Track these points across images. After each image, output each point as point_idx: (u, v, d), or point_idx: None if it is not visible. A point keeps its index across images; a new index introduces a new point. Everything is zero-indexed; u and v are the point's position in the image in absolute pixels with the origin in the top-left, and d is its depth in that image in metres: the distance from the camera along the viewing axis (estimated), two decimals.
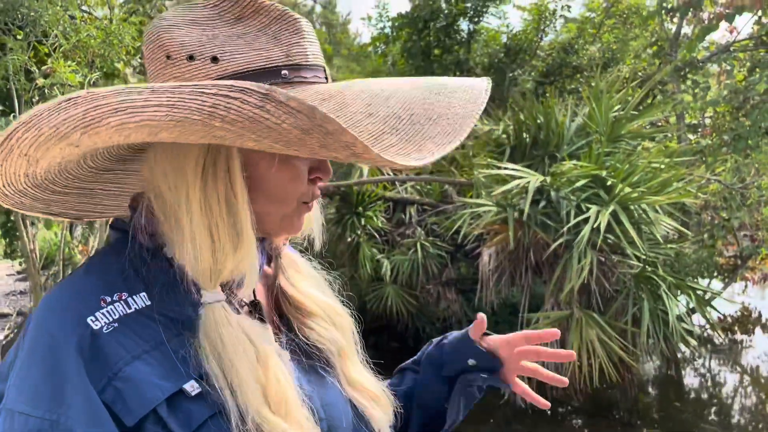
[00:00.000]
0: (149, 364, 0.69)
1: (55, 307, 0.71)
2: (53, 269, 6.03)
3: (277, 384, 0.74)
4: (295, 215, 0.81)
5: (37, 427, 0.64)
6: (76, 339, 0.67)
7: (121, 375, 0.67)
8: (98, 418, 0.65)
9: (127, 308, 0.72)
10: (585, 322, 5.03)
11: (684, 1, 7.54)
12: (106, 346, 0.68)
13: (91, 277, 0.74)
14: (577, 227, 4.86)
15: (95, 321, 0.69)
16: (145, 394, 0.67)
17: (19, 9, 4.70)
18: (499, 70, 10.42)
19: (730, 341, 9.44)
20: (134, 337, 0.70)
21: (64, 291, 0.73)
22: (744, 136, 6.77)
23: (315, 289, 0.94)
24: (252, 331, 0.76)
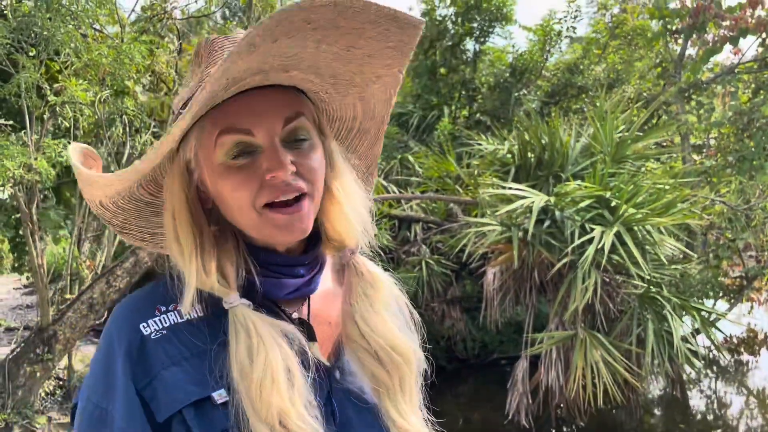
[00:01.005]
0: (185, 371, 0.78)
1: (119, 313, 0.84)
2: (60, 284, 6.08)
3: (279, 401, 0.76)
4: (266, 224, 0.81)
5: (93, 411, 0.79)
6: (127, 343, 0.80)
7: (159, 377, 0.78)
8: (133, 413, 0.77)
9: (179, 318, 0.82)
10: (589, 342, 5.02)
11: (688, 23, 7.60)
12: (152, 350, 0.79)
13: (157, 288, 0.85)
14: (582, 247, 4.87)
15: (146, 327, 0.81)
16: (175, 396, 0.77)
17: (33, 28, 4.78)
18: (504, 90, 10.50)
19: (736, 362, 9.38)
20: (178, 345, 0.80)
21: (131, 298, 0.86)
22: (748, 158, 6.79)
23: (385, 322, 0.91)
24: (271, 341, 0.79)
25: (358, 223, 0.92)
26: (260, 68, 0.76)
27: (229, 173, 0.80)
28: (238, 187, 0.80)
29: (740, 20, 7.33)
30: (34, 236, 5.13)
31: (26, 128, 4.93)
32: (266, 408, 0.75)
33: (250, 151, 0.80)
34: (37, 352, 5.18)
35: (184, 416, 0.76)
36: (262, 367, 0.76)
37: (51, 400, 5.50)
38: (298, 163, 0.81)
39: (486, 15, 10.54)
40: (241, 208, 0.81)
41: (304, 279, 0.88)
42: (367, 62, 0.83)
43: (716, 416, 7.38)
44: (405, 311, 0.97)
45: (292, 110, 0.83)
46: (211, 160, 0.81)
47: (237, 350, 0.78)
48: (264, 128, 0.80)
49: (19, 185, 4.88)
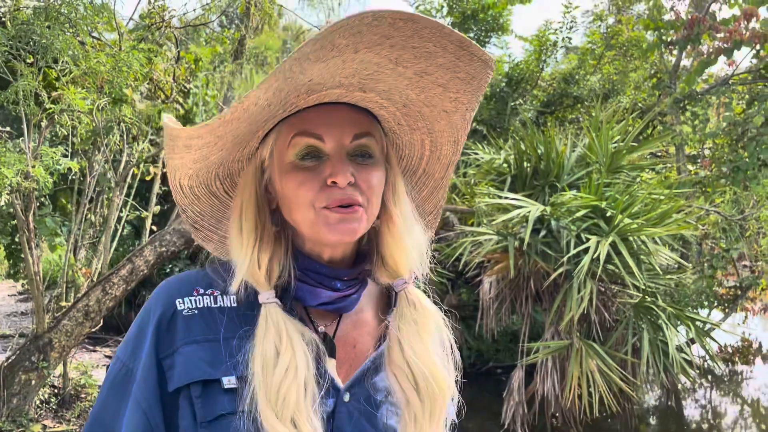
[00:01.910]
0: (204, 350, 0.85)
1: (164, 286, 0.93)
2: (56, 291, 6.06)
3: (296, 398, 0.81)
4: (320, 221, 0.86)
5: (120, 369, 0.89)
6: (160, 313, 0.88)
7: (179, 350, 0.86)
8: (148, 377, 0.85)
9: (213, 303, 0.90)
10: (585, 351, 5.04)
11: (683, 35, 7.66)
12: (180, 325, 0.87)
13: (202, 273, 0.94)
14: (577, 257, 4.90)
15: (181, 303, 0.89)
16: (188, 371, 0.84)
17: (31, 36, 4.79)
18: (500, 100, 10.55)
19: (731, 372, 9.40)
20: (204, 326, 0.87)
21: (177, 277, 0.94)
22: (742, 168, 6.84)
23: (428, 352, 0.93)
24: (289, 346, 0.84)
25: (416, 255, 0.95)
26: (341, 82, 0.84)
27: (297, 171, 0.87)
28: (301, 185, 0.86)
29: (734, 32, 7.40)
30: (31, 243, 5.12)
31: (24, 136, 4.94)
32: (281, 404, 0.80)
33: (318, 155, 0.87)
34: (32, 359, 5.16)
35: (191, 392, 0.83)
36: (286, 366, 0.82)
37: (46, 408, 5.48)
38: (358, 176, 0.87)
39: (483, 25, 10.61)
40: (300, 205, 0.87)
41: (340, 294, 0.91)
42: (437, 93, 0.89)
43: (711, 426, 7.39)
44: (447, 346, 0.99)
45: (363, 128, 0.89)
46: (282, 158, 0.89)
47: (264, 344, 0.83)
48: (334, 137, 0.87)
49: (16, 192, 4.87)
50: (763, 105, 6.92)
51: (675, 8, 8.53)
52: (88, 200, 6.24)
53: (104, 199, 7.06)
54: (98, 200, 6.99)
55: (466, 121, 0.94)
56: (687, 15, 8.05)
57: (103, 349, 8.06)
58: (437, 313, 0.98)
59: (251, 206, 0.90)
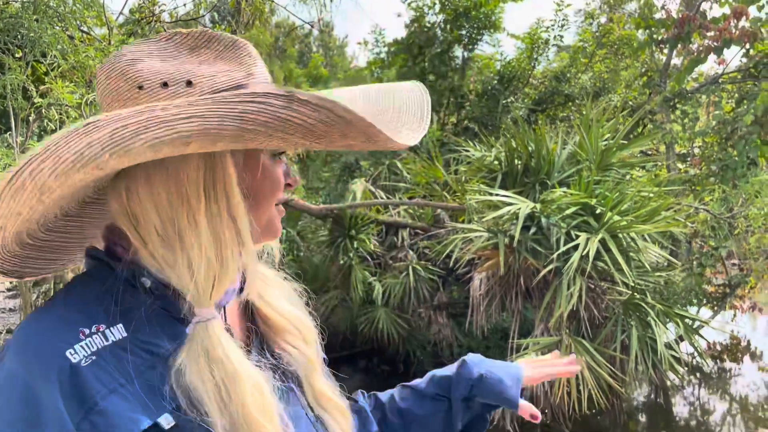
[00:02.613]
0: (125, 398, 0.69)
1: (34, 338, 0.70)
2: (44, 287, 6.02)
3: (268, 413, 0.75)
4: (275, 219, 0.86)
5: None
6: (55, 372, 0.68)
7: (96, 409, 0.68)
8: None
9: (105, 341, 0.72)
10: (574, 348, 5.06)
11: (673, 33, 7.70)
12: (84, 380, 0.68)
13: (70, 308, 0.74)
14: (567, 254, 4.91)
15: (74, 354, 0.69)
16: (120, 428, 0.68)
17: (19, 29, 4.76)
18: (492, 97, 10.57)
19: (720, 369, 9.47)
20: (111, 370, 0.70)
21: (43, 321, 0.73)
22: (731, 167, 6.88)
23: (284, 301, 0.97)
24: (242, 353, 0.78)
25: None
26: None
27: (275, 166, 0.84)
28: (276, 185, 0.84)
29: (724, 31, 7.44)
30: None
31: (11, 130, 4.90)
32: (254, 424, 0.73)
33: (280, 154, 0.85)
34: None
35: None
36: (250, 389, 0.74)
37: None
38: None
39: (475, 23, 10.61)
40: (270, 203, 0.84)
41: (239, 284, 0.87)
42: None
43: (699, 423, 7.44)
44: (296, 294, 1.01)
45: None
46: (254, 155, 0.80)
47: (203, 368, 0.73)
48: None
49: None
50: (753, 104, 6.96)
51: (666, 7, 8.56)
52: None
53: None
54: None
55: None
56: (677, 14, 8.09)
57: None
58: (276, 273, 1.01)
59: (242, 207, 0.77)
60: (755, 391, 8.37)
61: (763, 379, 8.96)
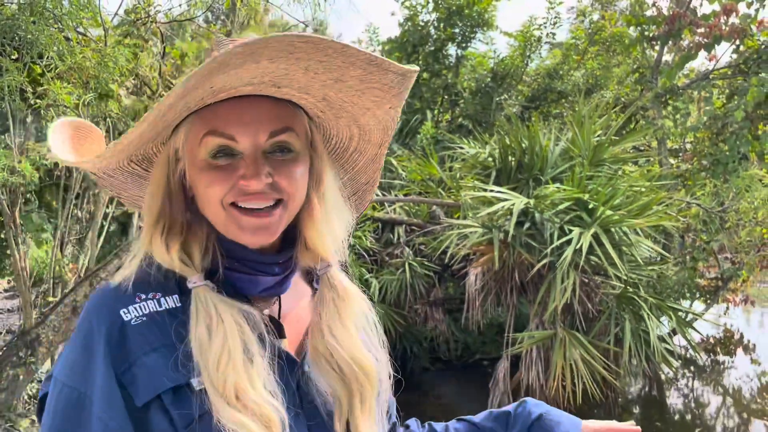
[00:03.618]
0: (164, 357, 0.80)
1: (99, 298, 0.85)
2: (43, 287, 6.05)
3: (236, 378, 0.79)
4: (232, 223, 0.85)
5: (70, 395, 0.80)
6: (107, 327, 0.81)
7: (138, 362, 0.80)
8: (112, 398, 0.78)
9: (158, 306, 0.84)
10: (569, 341, 5.13)
11: (664, 30, 7.77)
12: (131, 335, 0.81)
13: (138, 276, 0.86)
14: (561, 249, 4.98)
15: (127, 313, 0.82)
16: (154, 381, 0.79)
17: (17, 31, 4.78)
18: (485, 95, 10.63)
19: (713, 362, 9.56)
20: (157, 332, 0.82)
21: (112, 285, 0.86)
22: (722, 161, 6.97)
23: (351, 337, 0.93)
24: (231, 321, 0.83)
25: (332, 240, 0.95)
26: (249, 81, 0.79)
27: (208, 170, 0.84)
28: (212, 183, 0.84)
29: (714, 27, 7.52)
30: (17, 239, 5.12)
31: (9, 131, 4.94)
32: (222, 383, 0.78)
33: (231, 153, 0.84)
34: (20, 355, 5.16)
35: (162, 401, 0.78)
36: (221, 344, 0.80)
37: (34, 403, 5.48)
38: (277, 174, 0.85)
39: (468, 21, 10.67)
40: (210, 203, 0.85)
41: (279, 278, 0.91)
42: (356, 95, 0.86)
43: (694, 415, 7.52)
44: (373, 328, 0.99)
45: (280, 124, 0.85)
46: (194, 154, 0.85)
47: (197, 328, 0.81)
48: (248, 137, 0.83)
49: (3, 188, 4.87)
50: (743, 99, 7.05)
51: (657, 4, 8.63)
52: (75, 196, 6.24)
53: (91, 195, 7.05)
54: (84, 196, 6.98)
55: (391, 111, 0.91)
56: (668, 11, 8.17)
57: None
58: (359, 295, 0.98)
59: (159, 193, 0.88)
60: (748, 383, 8.46)
61: (755, 371, 9.06)
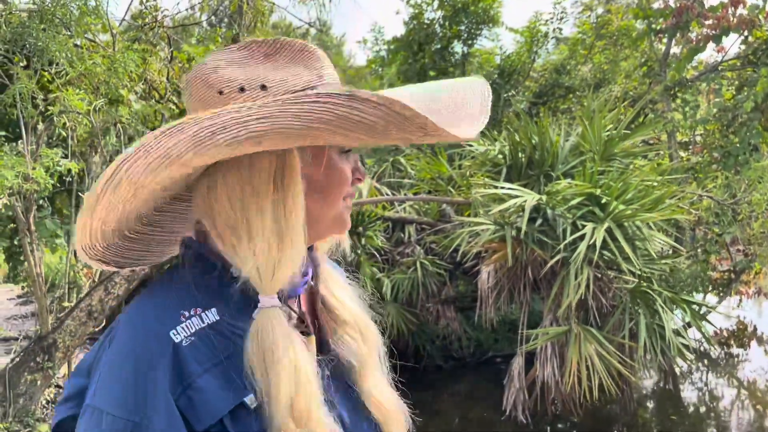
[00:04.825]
0: (217, 377, 0.77)
1: (141, 319, 0.80)
2: (58, 292, 6.09)
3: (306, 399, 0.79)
4: (344, 212, 0.91)
5: (121, 428, 0.73)
6: (159, 352, 0.76)
7: (194, 386, 0.75)
8: (176, 424, 0.74)
9: (201, 323, 0.80)
10: (583, 337, 5.12)
11: (672, 23, 7.74)
12: (184, 358, 0.76)
13: (171, 293, 0.83)
14: (574, 244, 4.97)
15: (176, 335, 0.77)
16: (214, 404, 0.75)
17: (27, 39, 4.82)
18: (493, 92, 10.56)
19: (727, 355, 9.53)
20: (206, 351, 0.78)
21: (148, 304, 0.82)
22: (733, 153, 6.94)
23: (350, 300, 1.01)
24: (297, 342, 0.82)
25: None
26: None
27: (343, 161, 0.89)
28: (344, 180, 0.89)
29: (722, 19, 7.49)
30: (32, 245, 5.16)
31: (21, 138, 4.97)
32: (289, 405, 0.78)
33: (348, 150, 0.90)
34: (37, 360, 5.21)
35: (224, 424, 0.76)
36: (284, 366, 0.78)
37: (52, 408, 5.53)
38: None
39: (473, 18, 10.66)
40: (337, 197, 0.89)
41: (307, 277, 0.92)
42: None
43: (708, 408, 7.50)
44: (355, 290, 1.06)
45: None
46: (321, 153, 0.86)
47: (260, 347, 0.79)
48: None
49: (17, 195, 4.91)
50: (753, 90, 7.01)
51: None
52: None
53: None
54: None
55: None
56: (675, 3, 8.13)
57: None
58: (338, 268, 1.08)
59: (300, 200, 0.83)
60: (763, 376, 8.43)
61: None
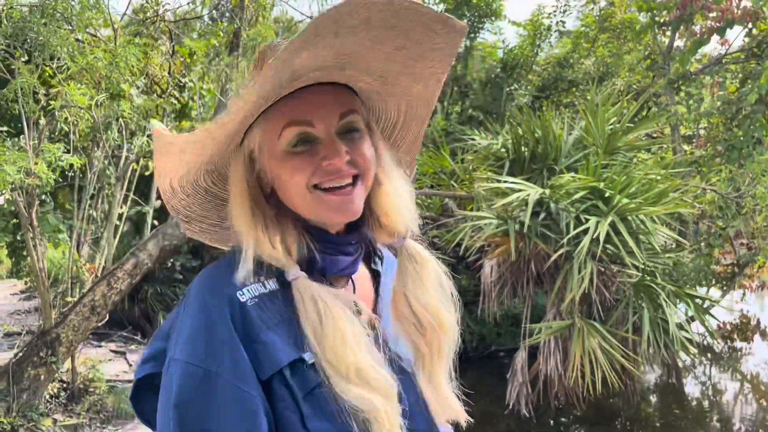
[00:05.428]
0: (279, 335, 0.88)
1: (211, 283, 0.92)
2: (61, 287, 6.10)
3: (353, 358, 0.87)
4: (321, 205, 0.92)
5: (195, 373, 0.85)
6: (229, 309, 0.87)
7: (258, 340, 0.87)
8: (244, 372, 0.85)
9: (264, 288, 0.91)
10: (587, 331, 5.11)
11: (675, 15, 7.70)
12: (250, 315, 0.88)
13: (236, 265, 0.92)
14: (577, 238, 4.96)
15: (242, 296, 0.89)
16: (275, 357, 0.87)
17: (28, 34, 4.80)
18: (496, 85, 10.58)
19: (730, 349, 9.52)
20: (269, 312, 0.89)
21: (216, 271, 0.94)
22: (737, 146, 6.91)
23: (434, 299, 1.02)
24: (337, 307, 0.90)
25: (408, 212, 1.02)
26: (320, 65, 0.87)
27: (290, 158, 0.92)
28: (296, 170, 0.91)
29: (726, 11, 7.43)
30: (35, 240, 5.16)
31: (23, 133, 4.96)
32: (343, 365, 0.86)
33: (309, 140, 0.92)
34: (40, 355, 5.21)
35: (284, 374, 0.86)
36: (332, 330, 0.87)
37: (55, 403, 5.54)
38: (351, 151, 0.92)
39: (476, 11, 10.61)
40: (297, 190, 0.92)
41: (353, 257, 0.98)
42: (412, 64, 0.93)
43: (711, 402, 7.50)
44: (447, 289, 1.06)
45: (347, 106, 0.94)
46: (274, 148, 0.93)
47: (308, 317, 0.88)
48: (323, 121, 0.91)
49: (19, 190, 4.91)
50: (757, 83, 6.97)
51: None
52: (89, 197, 6.28)
53: (105, 195, 7.08)
54: (99, 196, 7.02)
55: (439, 83, 1.00)
56: None
57: (108, 344, 8.10)
58: (434, 260, 1.06)
59: (245, 196, 0.94)
60: (766, 369, 8.42)
61: None
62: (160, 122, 1.07)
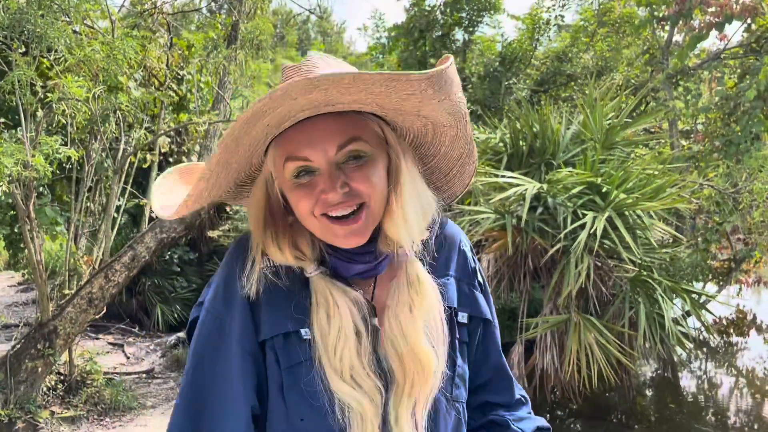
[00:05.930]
0: (282, 307, 0.99)
1: (237, 249, 1.05)
2: (58, 279, 6.09)
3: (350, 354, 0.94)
4: (327, 232, 0.97)
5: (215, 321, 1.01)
6: (247, 268, 1.01)
7: (264, 304, 0.99)
8: (247, 326, 0.99)
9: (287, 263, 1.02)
10: (583, 325, 5.13)
11: (675, 10, 7.68)
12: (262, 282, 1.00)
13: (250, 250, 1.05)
14: (574, 233, 4.96)
15: (265, 264, 1.01)
16: (274, 323, 0.99)
17: (25, 25, 4.78)
18: (494, 79, 10.56)
19: (726, 343, 9.55)
20: (279, 284, 1.00)
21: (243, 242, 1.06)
22: (735, 142, 6.91)
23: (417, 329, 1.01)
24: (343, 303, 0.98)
25: (407, 231, 1.00)
26: (303, 108, 0.89)
27: (295, 188, 0.97)
28: (300, 200, 0.97)
29: (725, 6, 7.42)
30: (32, 233, 5.15)
31: (20, 125, 4.94)
32: (340, 363, 0.94)
33: (310, 171, 0.96)
34: (38, 347, 5.22)
35: (274, 342, 0.98)
36: (337, 329, 0.96)
37: (53, 395, 5.55)
38: (353, 180, 0.95)
39: (474, 4, 10.59)
40: (303, 216, 0.99)
41: (372, 264, 1.03)
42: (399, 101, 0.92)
43: (707, 397, 7.53)
44: (438, 321, 1.05)
45: (345, 137, 0.94)
46: (281, 176, 0.99)
47: (318, 312, 0.98)
48: (319, 155, 0.94)
49: (16, 182, 4.89)
50: (755, 78, 6.97)
51: None
52: (87, 189, 6.27)
53: (102, 188, 7.07)
54: (96, 189, 7.01)
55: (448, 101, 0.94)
56: None
57: (105, 336, 8.11)
58: (433, 287, 1.05)
59: (260, 210, 1.02)
60: (761, 364, 8.46)
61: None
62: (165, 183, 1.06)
